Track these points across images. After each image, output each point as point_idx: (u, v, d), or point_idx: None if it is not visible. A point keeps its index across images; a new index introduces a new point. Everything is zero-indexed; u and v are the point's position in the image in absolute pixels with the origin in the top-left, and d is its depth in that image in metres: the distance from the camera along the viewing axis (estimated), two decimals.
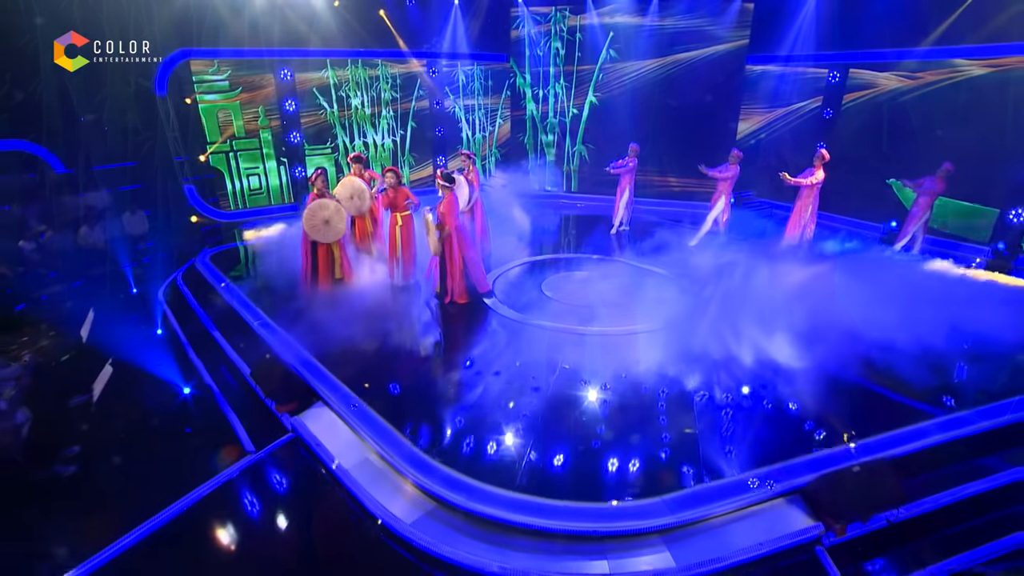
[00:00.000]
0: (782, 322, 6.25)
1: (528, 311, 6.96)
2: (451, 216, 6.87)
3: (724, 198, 9.52)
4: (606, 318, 6.64)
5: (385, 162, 13.35)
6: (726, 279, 7.46)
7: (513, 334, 6.46)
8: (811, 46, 11.01)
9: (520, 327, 6.62)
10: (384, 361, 5.84)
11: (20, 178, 10.21)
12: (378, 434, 4.52)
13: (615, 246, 9.81)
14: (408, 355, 6.00)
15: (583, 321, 6.60)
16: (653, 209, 12.23)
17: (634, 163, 10.09)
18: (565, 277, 8.29)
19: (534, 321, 6.69)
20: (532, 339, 6.27)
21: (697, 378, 5.43)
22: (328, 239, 7.24)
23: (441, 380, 5.53)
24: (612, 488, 4.03)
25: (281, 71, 11.45)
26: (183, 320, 7.35)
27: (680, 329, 6.23)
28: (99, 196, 10.80)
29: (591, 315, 6.73)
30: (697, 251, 9.16)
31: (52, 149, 10.40)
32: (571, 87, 12.31)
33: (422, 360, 5.96)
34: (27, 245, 9.34)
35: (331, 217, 7.10)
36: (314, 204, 7.03)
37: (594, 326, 6.49)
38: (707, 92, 11.40)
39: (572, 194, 13.16)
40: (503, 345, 6.17)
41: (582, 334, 6.34)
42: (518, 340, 6.28)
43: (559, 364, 5.68)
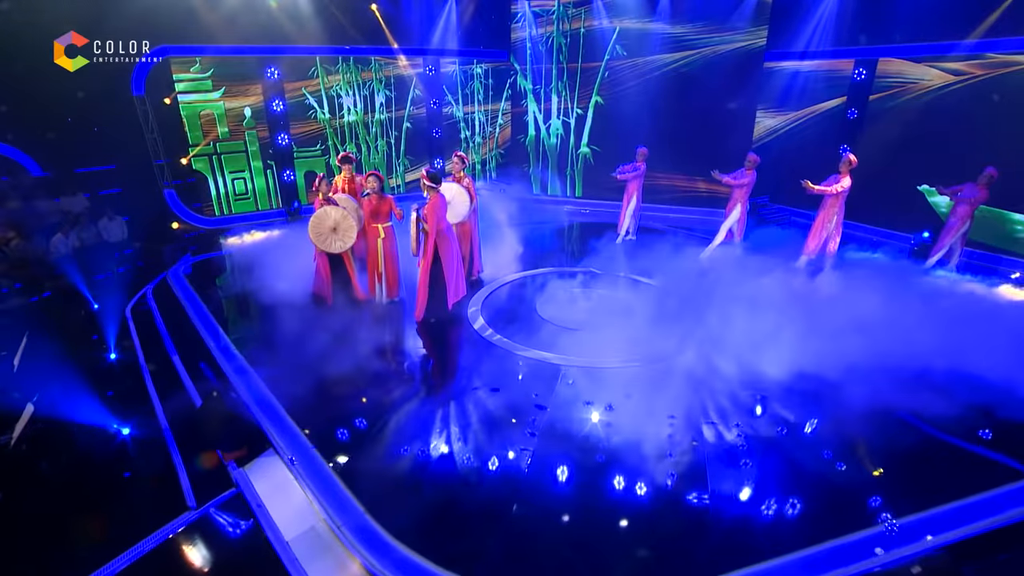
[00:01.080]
0: (803, 352, 5.50)
1: (520, 335, 6.24)
2: (433, 219, 6.23)
3: (740, 207, 8.73)
4: (606, 346, 5.89)
5: (379, 166, 12.71)
6: (740, 300, 6.71)
7: (502, 368, 5.68)
8: (835, 40, 10.19)
9: (510, 358, 5.87)
10: (348, 401, 5.13)
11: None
12: (327, 495, 3.83)
13: (620, 258, 9.05)
14: (377, 393, 5.29)
15: (579, 350, 5.86)
16: (662, 216, 11.45)
17: (642, 168, 9.33)
18: (563, 294, 7.54)
19: (526, 351, 5.94)
20: (522, 374, 5.54)
21: (714, 428, 4.68)
22: (342, 247, 6.62)
23: (413, 426, 4.82)
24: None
25: (268, 69, 10.82)
26: (146, 343, 6.71)
27: (690, 363, 5.48)
28: (76, 201, 10.24)
29: (589, 342, 5.99)
30: (709, 265, 8.39)
31: (28, 151, 9.89)
32: (575, 86, 11.56)
33: (391, 402, 5.22)
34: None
35: (338, 223, 6.50)
36: (317, 214, 6.47)
37: (591, 356, 5.75)
38: (721, 91, 10.60)
39: (576, 199, 12.41)
40: (489, 379, 5.44)
41: (579, 366, 5.60)
42: (506, 376, 5.51)
43: (559, 392, 4.96)
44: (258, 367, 5.61)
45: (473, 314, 6.85)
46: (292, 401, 4.97)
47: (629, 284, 7.81)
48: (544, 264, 8.76)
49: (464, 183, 7.22)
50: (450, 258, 6.55)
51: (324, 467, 4.15)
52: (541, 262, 8.86)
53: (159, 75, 10.08)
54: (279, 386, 5.23)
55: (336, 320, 6.52)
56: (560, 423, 4.72)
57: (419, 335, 6.50)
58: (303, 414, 4.82)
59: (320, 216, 6.49)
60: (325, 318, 6.57)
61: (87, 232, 10.03)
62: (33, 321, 7.34)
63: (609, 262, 8.67)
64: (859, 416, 4.74)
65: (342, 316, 6.66)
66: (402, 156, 12.91)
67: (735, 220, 8.78)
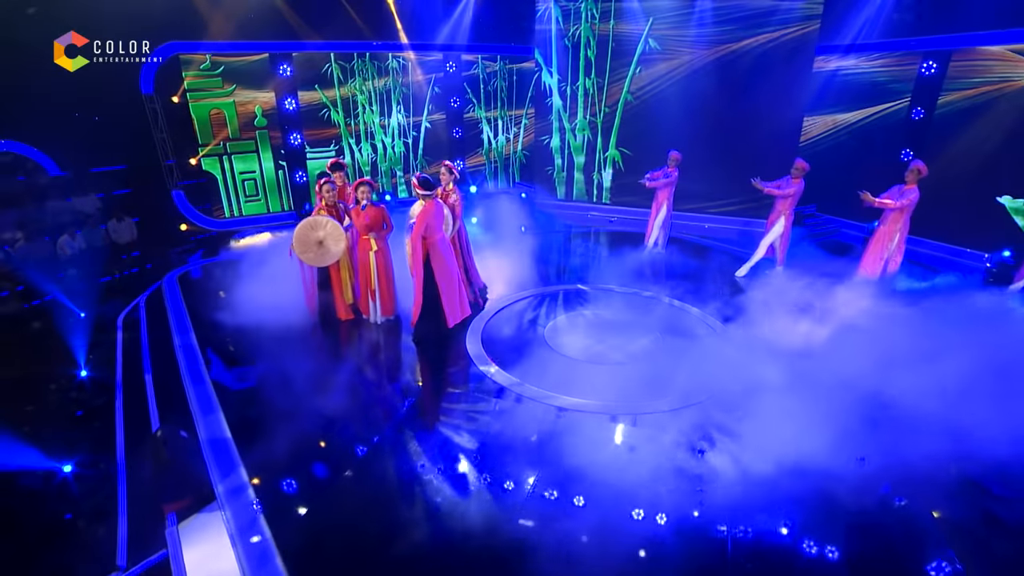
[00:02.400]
0: (862, 402, 4.56)
1: (521, 369, 5.43)
2: (420, 227, 5.62)
3: (784, 219, 7.70)
4: (625, 387, 5.04)
5: (396, 167, 12.15)
6: (782, 332, 5.78)
7: (500, 411, 4.87)
8: (899, 30, 8.99)
9: (510, 399, 5.05)
10: (312, 447, 4.48)
11: (7, 181, 9.52)
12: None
13: (647, 274, 8.16)
14: (345, 444, 4.57)
15: (592, 391, 5.01)
16: (695, 226, 10.47)
17: (674, 174, 8.41)
18: (577, 317, 6.70)
19: (526, 388, 5.15)
20: (523, 421, 4.69)
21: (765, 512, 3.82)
22: (322, 263, 6.06)
23: (385, 496, 4.12)
24: None
25: (280, 66, 10.38)
26: (128, 359, 6.27)
27: (731, 407, 4.62)
28: (88, 201, 10.05)
29: (605, 383, 5.14)
30: (747, 284, 7.43)
31: (46, 150, 9.74)
32: (604, 83, 10.68)
33: (361, 458, 4.49)
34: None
35: (326, 238, 5.93)
36: (307, 222, 5.91)
37: (608, 402, 4.92)
38: (766, 88, 9.52)
39: (603, 206, 11.54)
40: (483, 430, 4.68)
41: (592, 414, 4.78)
42: (506, 421, 4.70)
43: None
44: (226, 396, 5.06)
45: (472, 341, 6.09)
46: (249, 443, 4.36)
47: (653, 305, 6.92)
48: (559, 280, 7.93)
49: (451, 200, 6.38)
50: (445, 274, 5.91)
51: (267, 538, 3.51)
52: (557, 278, 8.04)
53: (168, 73, 9.76)
54: (241, 423, 4.65)
55: (319, 345, 5.93)
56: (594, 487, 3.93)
57: (408, 369, 5.81)
58: (258, 460, 4.20)
59: (312, 224, 5.91)
60: (308, 340, 5.99)
61: (95, 233, 9.81)
62: (19, 329, 7.08)
63: (633, 278, 7.81)
64: (942, 495, 3.80)
65: (325, 340, 6.08)
66: (420, 157, 12.32)
67: (777, 234, 7.77)
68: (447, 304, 5.96)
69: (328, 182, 6.14)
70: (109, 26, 8.66)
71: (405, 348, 6.09)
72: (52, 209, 9.66)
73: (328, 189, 6.11)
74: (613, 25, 10.19)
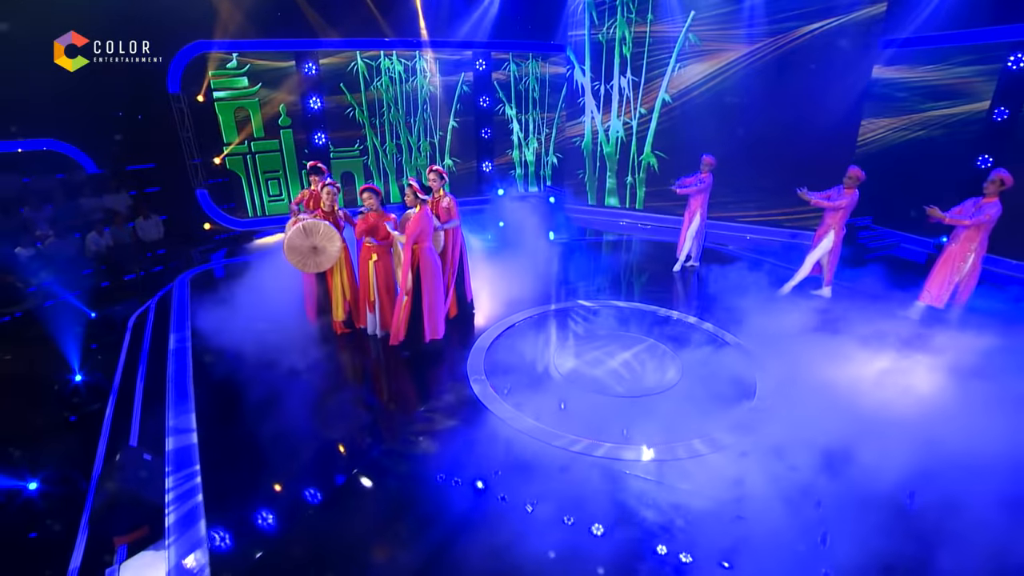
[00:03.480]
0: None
1: (521, 400, 4.81)
2: (411, 234, 5.28)
3: (833, 234, 6.85)
4: (644, 429, 4.40)
5: (422, 167, 11.82)
6: (826, 367, 5.02)
7: (496, 449, 4.24)
8: (976, 18, 7.93)
9: (504, 434, 4.44)
10: (277, 476, 4.10)
11: (46, 179, 9.72)
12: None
13: (676, 291, 7.47)
14: (319, 471, 4.18)
15: (603, 432, 4.37)
16: (735, 237, 9.65)
17: (708, 180, 7.67)
18: (593, 341, 6.02)
19: (523, 423, 4.58)
20: (523, 464, 4.07)
21: None
22: (320, 268, 5.79)
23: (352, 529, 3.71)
24: None
25: (305, 65, 10.21)
26: (128, 368, 6.11)
27: (781, 458, 3.95)
28: (120, 199, 10.16)
29: (618, 422, 4.51)
30: (788, 306, 6.64)
31: (85, 148, 9.93)
32: (640, 81, 9.99)
33: (327, 491, 4.07)
34: (23, 252, 8.67)
35: (320, 243, 5.63)
36: (302, 226, 5.55)
37: (625, 446, 4.29)
38: (820, 86, 8.62)
39: (636, 212, 10.84)
40: (477, 467, 4.19)
41: (611, 460, 4.18)
42: (504, 465, 4.10)
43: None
44: (204, 410, 4.77)
45: (470, 364, 5.56)
46: (215, 476, 4.02)
47: (680, 327, 6.24)
48: (574, 295, 7.28)
49: (443, 204, 5.92)
50: (430, 285, 5.52)
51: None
52: (572, 292, 7.40)
53: (194, 72, 9.74)
54: (209, 446, 4.33)
55: (309, 360, 5.58)
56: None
57: (400, 391, 5.39)
58: (220, 491, 3.85)
59: (308, 228, 5.58)
60: (299, 354, 5.64)
61: (122, 231, 9.90)
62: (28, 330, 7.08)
63: (661, 295, 7.14)
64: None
65: (316, 355, 5.72)
66: (447, 157, 11.96)
67: (825, 250, 6.92)
68: (428, 317, 5.55)
69: (330, 185, 5.82)
70: (137, 25, 8.66)
71: (400, 366, 5.68)
72: (86, 206, 9.80)
73: (330, 192, 5.79)
74: (651, 19, 9.49)
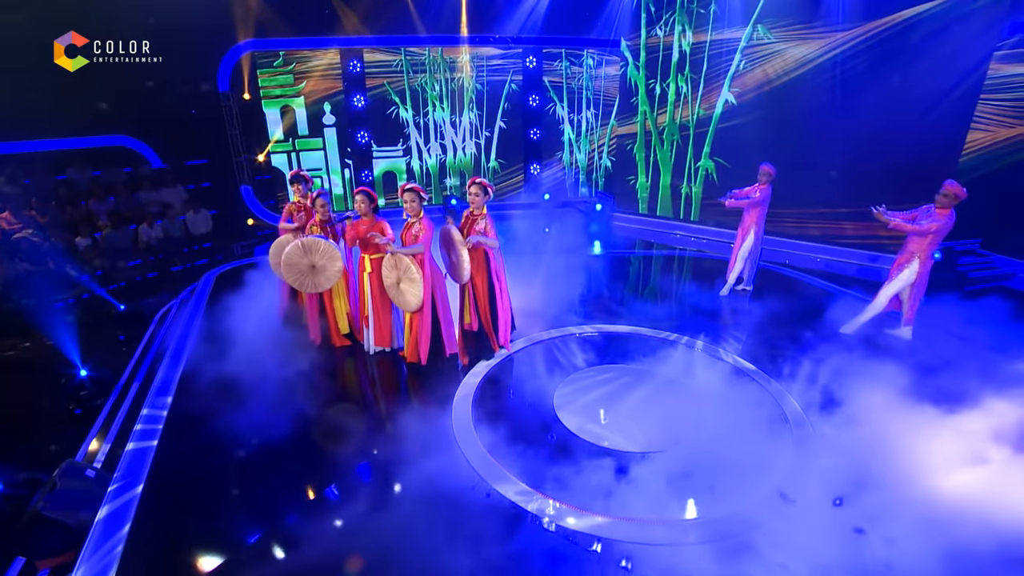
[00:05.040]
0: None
1: (510, 456, 4.04)
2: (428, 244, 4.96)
3: (918, 264, 5.61)
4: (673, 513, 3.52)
5: (466, 169, 11.43)
6: (903, 442, 3.99)
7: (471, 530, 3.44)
8: None
9: (482, 509, 3.55)
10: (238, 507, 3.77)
11: (114, 172, 10.27)
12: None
13: (720, 320, 6.52)
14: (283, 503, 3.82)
15: (618, 511, 3.52)
16: (802, 256, 8.43)
17: (765, 192, 6.63)
18: (615, 381, 5.10)
19: (511, 492, 3.87)
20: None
21: None
22: (318, 288, 5.41)
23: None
24: None
25: (350, 63, 10.10)
26: (141, 360, 6.14)
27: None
28: (176, 192, 10.56)
29: (637, 500, 3.59)
30: (854, 347, 5.53)
31: (152, 144, 10.44)
32: (700, 79, 8.98)
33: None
34: (82, 241, 9.12)
35: (320, 262, 5.24)
36: (301, 243, 5.17)
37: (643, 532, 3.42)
38: (916, 82, 7.26)
39: (690, 224, 9.83)
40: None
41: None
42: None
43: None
44: (170, 428, 4.55)
45: (459, 406, 4.77)
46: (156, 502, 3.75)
47: (711, 369, 5.34)
48: (596, 318, 6.46)
49: (479, 225, 5.01)
50: (442, 297, 5.14)
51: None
52: (595, 314, 6.57)
53: (243, 71, 9.90)
54: (166, 463, 4.08)
55: (298, 373, 5.26)
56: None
57: (383, 419, 4.95)
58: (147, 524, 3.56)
59: (308, 246, 5.22)
60: (290, 366, 5.35)
61: (173, 224, 10.25)
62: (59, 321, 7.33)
63: (701, 324, 6.23)
64: None
65: (306, 368, 5.39)
66: (492, 160, 11.47)
67: (907, 283, 5.70)
68: (445, 330, 5.20)
69: (321, 194, 5.49)
70: (185, 24, 8.86)
71: (393, 388, 5.25)
72: (145, 199, 10.25)
73: (322, 203, 5.48)
74: (714, 10, 8.47)
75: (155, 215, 9.86)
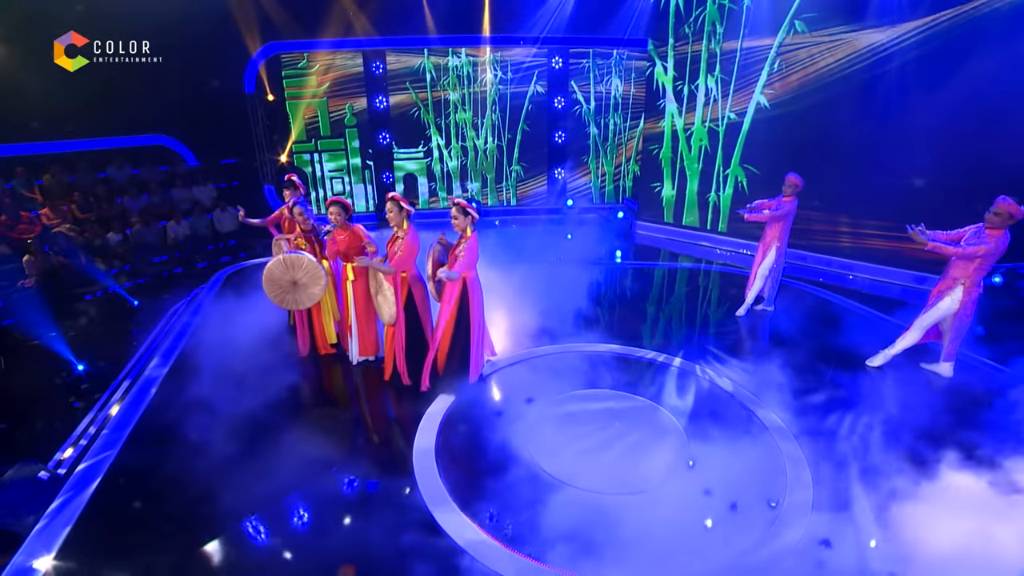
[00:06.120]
0: None
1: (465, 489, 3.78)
2: (405, 259, 4.64)
3: (962, 291, 4.91)
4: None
5: (488, 172, 11.19)
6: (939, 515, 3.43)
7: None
8: None
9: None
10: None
11: (152, 170, 10.65)
12: None
13: (734, 343, 5.97)
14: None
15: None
16: (835, 273, 7.71)
17: (789, 205, 6.02)
18: (604, 416, 4.53)
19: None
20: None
21: None
22: (298, 306, 5.27)
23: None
24: None
25: (373, 64, 10.05)
26: (141, 358, 6.22)
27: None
28: (206, 191, 10.85)
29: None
30: (882, 384, 4.91)
31: (188, 143, 10.80)
32: (731, 81, 8.37)
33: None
34: (114, 237, 9.45)
35: (301, 279, 5.06)
36: (283, 259, 5.01)
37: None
38: (981, 83, 6.44)
39: (718, 236, 9.21)
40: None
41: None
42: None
43: None
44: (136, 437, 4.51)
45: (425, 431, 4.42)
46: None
47: (712, 405, 4.84)
48: (594, 336, 5.98)
49: (458, 250, 4.59)
50: (427, 308, 4.91)
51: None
52: (592, 332, 6.08)
53: (268, 72, 10.03)
54: (122, 471, 4.03)
55: (278, 380, 5.16)
56: None
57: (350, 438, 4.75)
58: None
59: (290, 262, 5.03)
60: (272, 373, 5.26)
61: (200, 221, 10.52)
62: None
63: (711, 347, 5.71)
64: None
65: (287, 376, 5.28)
66: (515, 163, 11.18)
67: (947, 313, 5.00)
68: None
69: (298, 202, 5.36)
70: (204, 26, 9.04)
71: (364, 405, 5.06)
72: (176, 197, 10.56)
73: (300, 211, 5.34)
74: (747, 5, 7.85)
75: (184, 212, 10.13)
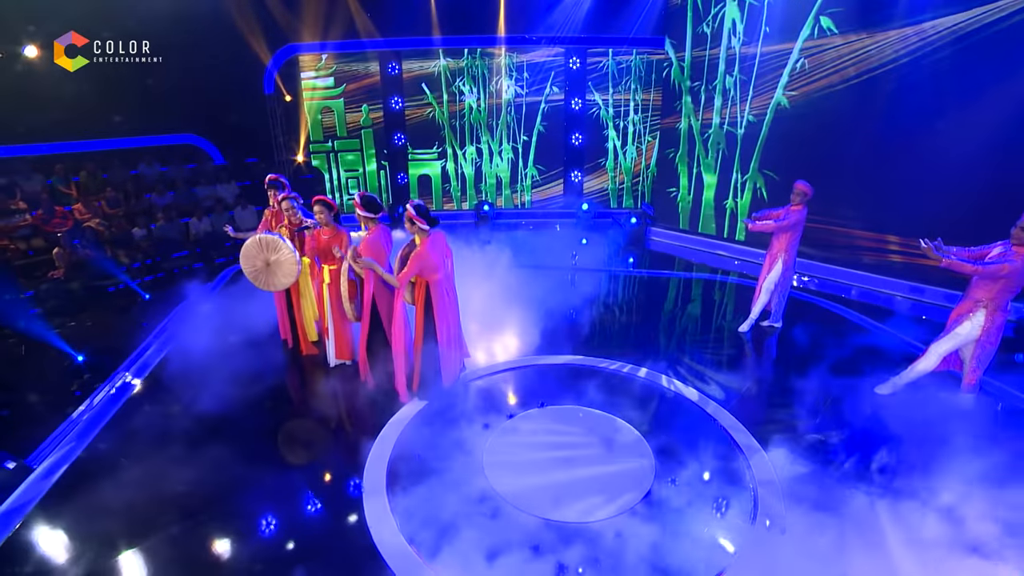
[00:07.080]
0: None
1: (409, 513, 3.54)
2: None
3: (984, 315, 4.41)
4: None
5: (502, 174, 11.04)
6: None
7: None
8: None
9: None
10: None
11: (179, 168, 11.04)
12: None
13: (734, 363, 5.58)
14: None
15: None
16: (865, 291, 7.15)
17: (797, 215, 5.59)
18: (584, 435, 4.31)
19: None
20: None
21: None
22: (267, 288, 5.35)
23: None
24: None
25: (389, 65, 10.07)
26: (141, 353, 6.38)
27: None
28: (229, 188, 11.14)
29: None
30: (892, 413, 4.47)
31: (216, 142, 11.15)
32: (750, 81, 7.92)
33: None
34: (139, 232, 9.78)
35: (273, 263, 5.15)
36: (258, 238, 5.11)
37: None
38: (1006, 94, 5.84)
39: (734, 244, 8.74)
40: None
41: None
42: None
43: None
44: (111, 431, 4.58)
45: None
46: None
47: (699, 436, 4.50)
48: (580, 349, 5.75)
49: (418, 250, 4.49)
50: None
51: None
52: (578, 345, 5.83)
53: (285, 74, 10.20)
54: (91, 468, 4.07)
55: (257, 382, 5.15)
56: None
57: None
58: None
59: (268, 243, 5.13)
60: (253, 374, 5.26)
61: (221, 218, 10.79)
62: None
63: (708, 368, 5.36)
64: None
65: (266, 376, 5.27)
66: (530, 166, 10.98)
67: (969, 339, 4.51)
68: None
69: (288, 198, 5.34)
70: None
71: (332, 409, 4.98)
72: (201, 195, 10.89)
73: (289, 206, 5.33)
74: (768, 1, 7.40)
75: (206, 209, 10.41)
